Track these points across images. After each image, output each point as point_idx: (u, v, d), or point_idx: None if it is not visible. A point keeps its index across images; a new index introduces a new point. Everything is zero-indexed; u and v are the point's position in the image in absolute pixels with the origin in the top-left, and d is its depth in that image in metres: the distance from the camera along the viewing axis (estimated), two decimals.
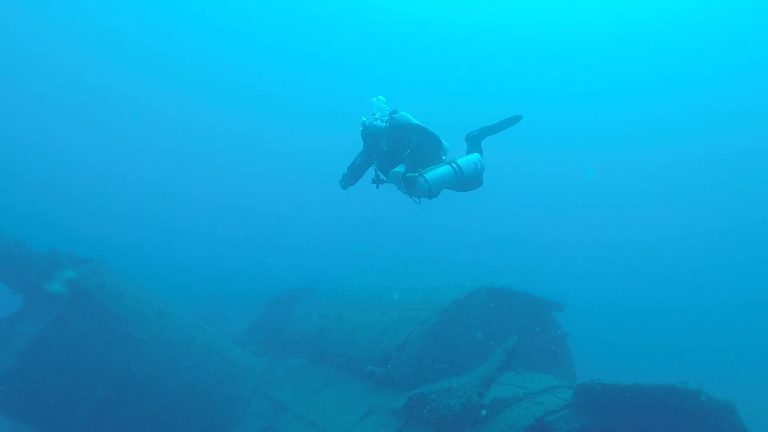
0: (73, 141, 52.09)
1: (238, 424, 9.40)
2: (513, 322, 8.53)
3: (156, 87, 53.95)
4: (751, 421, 5.83)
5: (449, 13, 47.80)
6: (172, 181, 51.94)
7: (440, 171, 6.38)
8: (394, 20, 48.69)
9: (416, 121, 6.80)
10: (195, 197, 50.86)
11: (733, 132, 48.08)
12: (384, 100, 7.17)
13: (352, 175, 7.02)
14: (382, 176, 6.78)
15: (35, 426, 8.96)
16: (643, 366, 24.07)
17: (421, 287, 9.74)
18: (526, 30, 48.12)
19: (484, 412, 6.16)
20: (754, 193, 46.99)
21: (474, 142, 7.22)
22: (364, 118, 6.84)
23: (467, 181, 6.70)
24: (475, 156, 6.85)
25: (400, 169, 6.34)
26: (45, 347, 8.44)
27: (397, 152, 6.58)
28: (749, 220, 46.69)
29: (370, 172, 7.00)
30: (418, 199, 6.42)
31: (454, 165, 6.48)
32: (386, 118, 6.75)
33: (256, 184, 54.23)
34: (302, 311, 11.70)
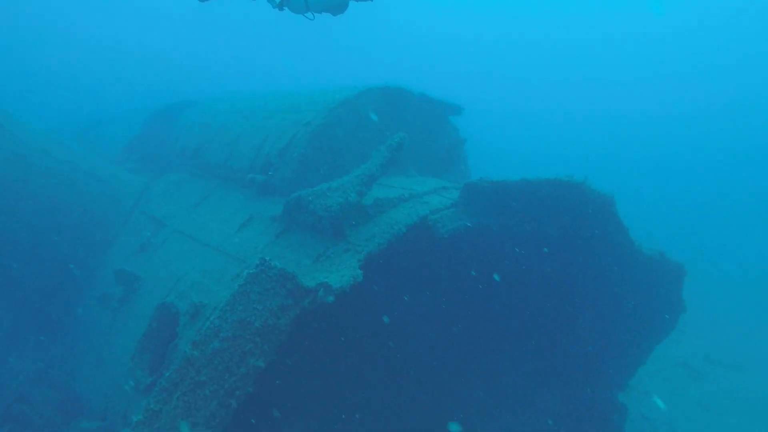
0: None
1: (114, 245, 8.64)
2: (408, 126, 7.89)
3: None
4: None
5: None
6: None
7: None
8: None
9: None
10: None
11: None
12: None
13: None
14: None
15: None
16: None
17: (311, 90, 8.72)
18: None
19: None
20: None
21: None
22: None
23: None
24: None
25: None
26: None
27: None
28: None
29: None
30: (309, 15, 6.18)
31: None
32: None
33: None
34: (184, 123, 10.44)
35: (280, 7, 6.29)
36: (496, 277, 6.04)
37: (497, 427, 7.30)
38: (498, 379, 7.34)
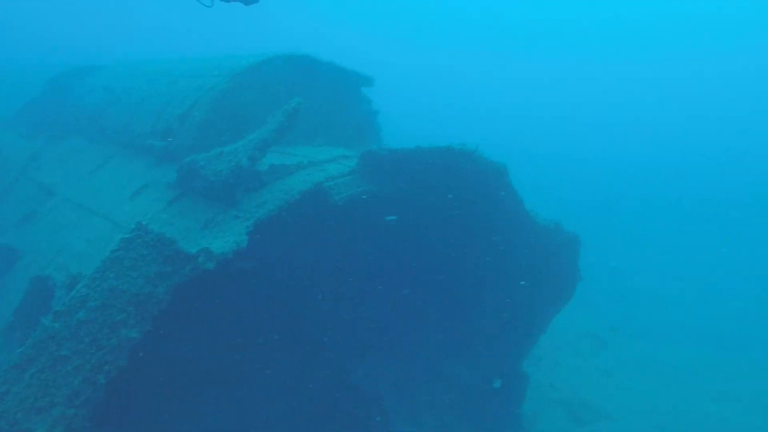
0: None
1: None
2: (318, 96, 7.70)
3: None
4: None
5: None
6: None
7: None
8: None
9: None
10: None
11: None
12: None
13: None
14: None
15: None
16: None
17: (220, 56, 8.33)
18: None
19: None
20: None
21: None
22: None
23: None
24: None
25: None
26: None
27: None
28: None
29: None
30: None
31: None
32: None
33: None
34: (85, 87, 9.77)
35: None
36: (392, 244, 6.04)
37: (410, 403, 7.39)
38: (406, 353, 7.40)
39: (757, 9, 51.49)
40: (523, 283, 6.91)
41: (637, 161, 44.22)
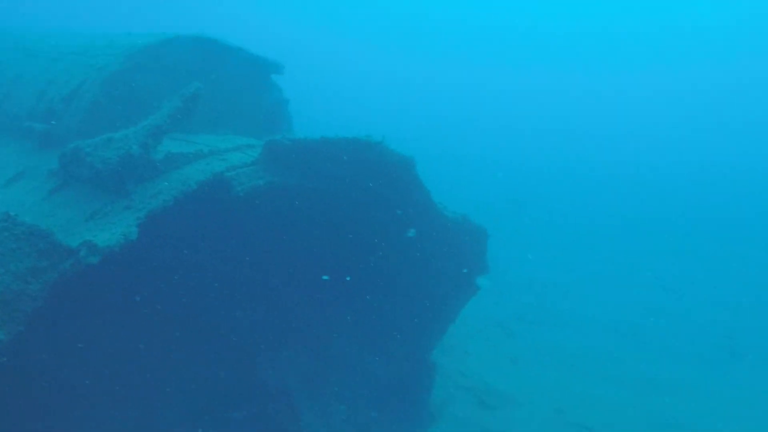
0: None
1: None
2: (224, 82, 7.34)
3: None
4: None
5: None
6: None
7: None
8: None
9: None
10: None
11: None
12: None
13: None
14: None
15: None
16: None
17: (114, 34, 7.72)
18: None
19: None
20: None
21: None
22: None
23: None
24: None
25: None
26: None
27: None
28: None
29: None
30: None
31: None
32: None
33: None
34: None
35: None
36: (296, 238, 5.88)
37: (320, 394, 7.27)
38: (315, 346, 7.27)
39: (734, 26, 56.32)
40: (431, 274, 6.98)
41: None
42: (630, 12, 62.40)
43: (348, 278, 6.46)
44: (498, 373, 11.37)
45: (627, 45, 65.18)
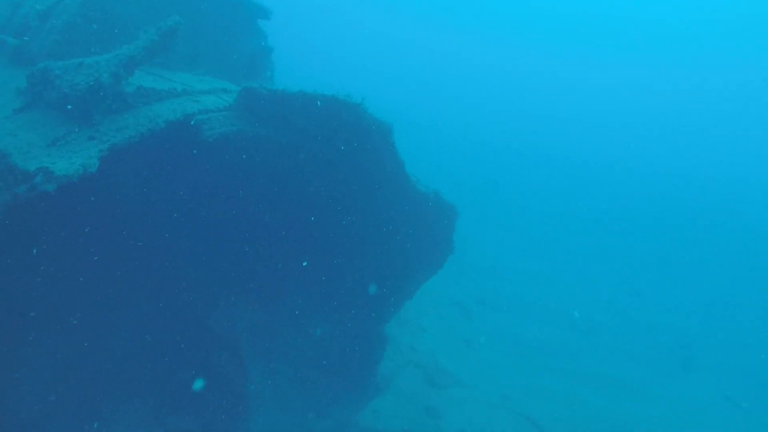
0: None
1: None
2: (206, 20, 7.10)
3: None
4: None
5: None
6: None
7: None
8: None
9: None
10: None
11: None
12: None
13: None
14: None
15: None
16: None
17: None
18: None
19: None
20: None
21: None
22: None
23: None
24: None
25: None
26: None
27: None
28: None
29: None
30: None
31: None
32: None
33: None
34: None
35: None
36: (261, 191, 5.80)
37: (267, 353, 7.28)
38: (268, 302, 7.25)
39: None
40: (395, 246, 6.98)
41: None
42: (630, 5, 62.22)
43: (309, 239, 6.43)
44: (450, 352, 11.55)
45: (621, 36, 65.09)
